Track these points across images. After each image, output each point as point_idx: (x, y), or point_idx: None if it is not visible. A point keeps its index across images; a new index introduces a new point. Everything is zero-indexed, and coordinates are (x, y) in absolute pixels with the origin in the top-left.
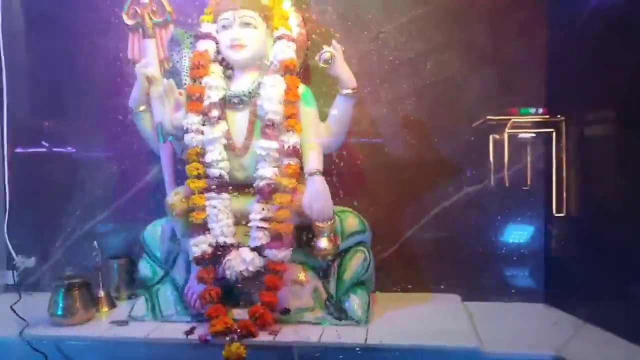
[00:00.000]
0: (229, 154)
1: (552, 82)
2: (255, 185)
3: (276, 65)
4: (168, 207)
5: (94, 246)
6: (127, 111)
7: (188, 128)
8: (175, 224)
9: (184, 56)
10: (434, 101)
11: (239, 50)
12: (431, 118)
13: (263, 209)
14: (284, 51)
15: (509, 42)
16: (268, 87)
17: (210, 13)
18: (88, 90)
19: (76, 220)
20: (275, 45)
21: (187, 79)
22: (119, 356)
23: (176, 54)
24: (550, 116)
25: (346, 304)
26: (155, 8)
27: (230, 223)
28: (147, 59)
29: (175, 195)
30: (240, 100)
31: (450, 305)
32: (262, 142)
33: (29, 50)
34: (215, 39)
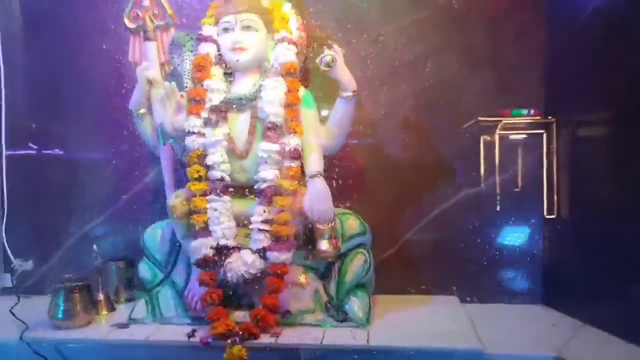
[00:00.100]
0: (230, 157)
1: (551, 83)
2: (256, 187)
3: (277, 68)
4: (169, 209)
5: (93, 249)
6: (127, 113)
7: (189, 130)
8: (176, 226)
9: (185, 59)
10: (433, 103)
11: (241, 53)
12: (430, 120)
13: (264, 211)
14: (284, 54)
15: (508, 44)
16: (269, 89)
17: (211, 16)
18: (87, 92)
19: (74, 222)
20: (276, 48)
21: (188, 82)
22: (120, 359)
23: (177, 57)
24: (542, 117)
25: (347, 306)
26: (156, 11)
27: (232, 225)
28: (148, 62)
29: (176, 198)
30: (242, 103)
31: (449, 307)
32: (263, 145)
33: (27, 51)
34: (216, 41)
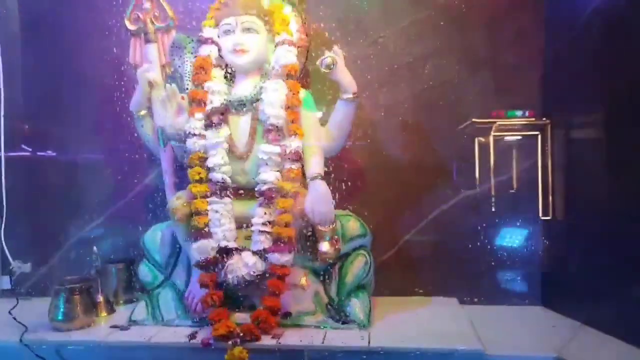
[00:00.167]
0: (231, 159)
1: (550, 85)
2: (257, 189)
3: (278, 70)
4: (170, 211)
5: (93, 251)
6: (127, 114)
7: (190, 132)
8: (176, 228)
9: (186, 61)
10: (432, 105)
11: (242, 55)
12: (429, 122)
13: (265, 213)
14: (285, 56)
15: (507, 45)
16: (270, 91)
17: (211, 18)
18: (87, 93)
19: (73, 224)
20: (277, 50)
21: (188, 84)
22: None
23: (178, 59)
24: (536, 119)
25: (348, 307)
26: (157, 13)
27: (232, 227)
28: (149, 64)
29: (177, 200)
30: (243, 105)
31: (448, 308)
32: (264, 147)
33: (26, 53)
34: (217, 43)
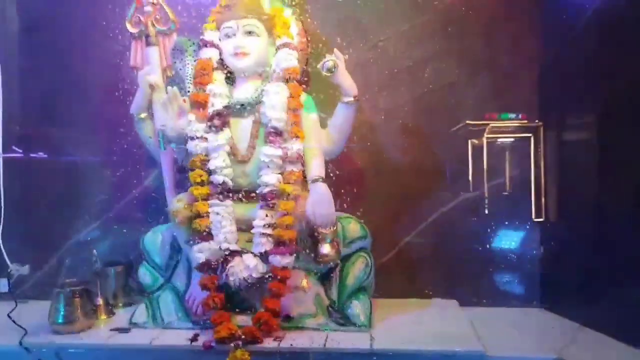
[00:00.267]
0: (232, 161)
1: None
2: (258, 191)
3: (279, 73)
4: (171, 214)
5: (93, 253)
6: (126, 117)
7: (192, 135)
8: (177, 231)
9: (187, 64)
10: (432, 108)
11: (243, 58)
12: (429, 125)
13: (267, 216)
14: (286, 59)
15: (505, 50)
16: (272, 94)
17: (212, 21)
18: (85, 96)
19: (72, 227)
20: (278, 54)
21: (190, 87)
22: None
23: (179, 62)
24: (529, 121)
25: (349, 309)
26: (158, 16)
27: (234, 229)
28: (150, 67)
29: (178, 202)
30: (244, 108)
31: (448, 310)
32: (266, 149)
33: (24, 55)
34: (218, 47)
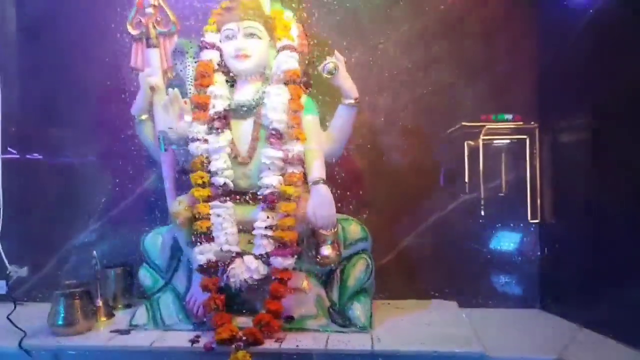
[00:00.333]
0: (233, 163)
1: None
2: (259, 193)
3: (280, 75)
4: (172, 216)
5: (93, 255)
6: (126, 118)
7: (193, 137)
8: (178, 232)
9: (188, 65)
10: (432, 110)
11: (244, 60)
12: (429, 126)
13: (268, 217)
14: (287, 61)
15: (504, 51)
16: (273, 96)
17: (213, 23)
18: (84, 97)
19: (71, 229)
20: (279, 56)
21: (190, 88)
22: None
23: (180, 64)
24: (524, 122)
25: (349, 311)
26: (159, 18)
27: (235, 231)
28: (151, 68)
29: (178, 204)
30: (245, 110)
31: (448, 311)
32: (267, 151)
33: (23, 56)
34: (218, 48)
